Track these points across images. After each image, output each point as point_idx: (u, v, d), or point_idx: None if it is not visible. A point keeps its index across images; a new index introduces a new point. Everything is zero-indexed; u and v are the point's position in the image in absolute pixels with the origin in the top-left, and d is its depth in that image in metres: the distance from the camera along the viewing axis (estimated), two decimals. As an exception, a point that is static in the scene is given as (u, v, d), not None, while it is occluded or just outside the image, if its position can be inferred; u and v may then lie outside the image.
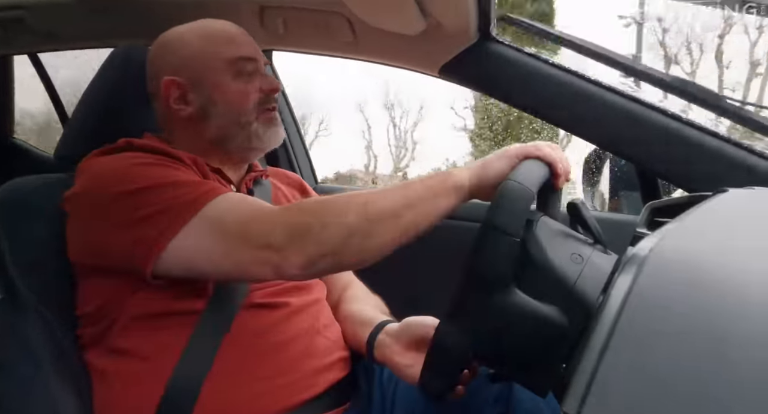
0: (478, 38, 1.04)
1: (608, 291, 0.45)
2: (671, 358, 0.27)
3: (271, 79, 0.84)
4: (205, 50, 0.80)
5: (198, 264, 0.65)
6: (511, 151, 0.67)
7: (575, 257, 0.52)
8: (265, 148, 0.85)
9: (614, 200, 1.27)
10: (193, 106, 0.81)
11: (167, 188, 0.66)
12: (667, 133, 0.92)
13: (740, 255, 0.35)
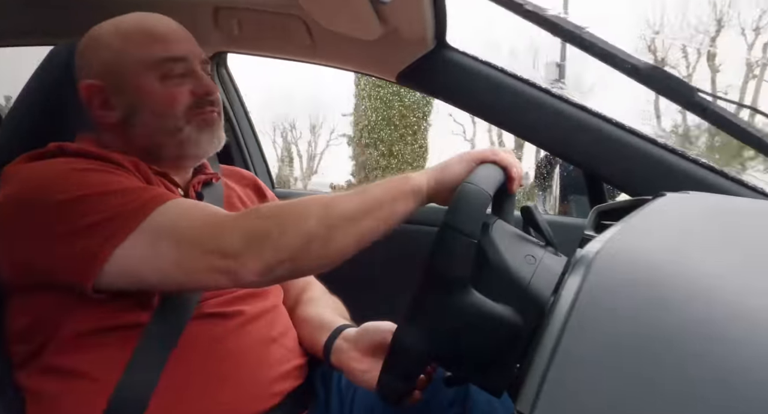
0: (435, 46, 1.06)
1: (559, 292, 0.47)
2: (620, 357, 0.28)
3: (205, 81, 0.77)
4: (126, 52, 0.74)
5: (145, 275, 0.61)
6: (469, 156, 0.67)
7: (529, 258, 0.54)
8: (202, 154, 0.80)
9: (564, 204, 1.32)
10: (118, 113, 0.75)
11: (110, 196, 0.62)
12: (612, 141, 0.97)
13: (681, 254, 0.37)
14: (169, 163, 0.79)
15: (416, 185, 0.65)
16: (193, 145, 0.76)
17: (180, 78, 0.75)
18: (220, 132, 0.80)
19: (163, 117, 0.74)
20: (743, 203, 0.63)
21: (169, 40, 0.76)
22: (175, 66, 0.75)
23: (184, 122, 0.75)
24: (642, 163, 0.95)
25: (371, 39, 1.04)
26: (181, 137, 0.75)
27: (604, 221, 0.73)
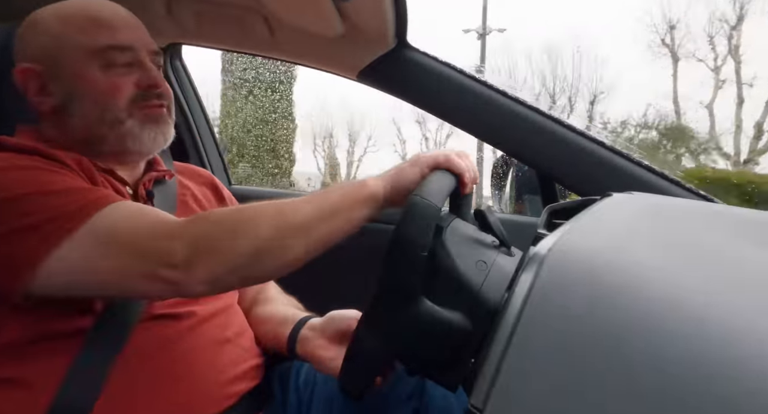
0: (396, 44, 1.06)
1: (512, 289, 0.48)
2: (569, 350, 0.29)
3: (152, 73, 0.73)
4: (67, 36, 0.70)
5: (83, 282, 0.57)
6: (423, 161, 0.67)
7: (480, 264, 0.55)
8: (146, 151, 0.76)
9: (519, 203, 1.36)
10: (55, 100, 0.71)
11: (52, 196, 0.58)
12: (564, 143, 1.01)
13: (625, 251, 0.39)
14: (112, 158, 0.74)
15: (373, 192, 0.64)
16: (134, 139, 0.72)
17: (124, 68, 0.71)
18: (166, 128, 0.76)
19: (104, 108, 0.70)
20: (681, 203, 0.67)
21: (115, 27, 0.71)
22: (119, 55, 0.71)
23: (126, 115, 0.71)
24: (591, 165, 0.99)
25: (332, 36, 1.04)
26: (121, 130, 0.71)
27: (555, 220, 0.76)
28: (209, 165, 1.44)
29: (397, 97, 1.11)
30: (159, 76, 0.74)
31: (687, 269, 0.36)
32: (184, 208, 0.82)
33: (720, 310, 0.29)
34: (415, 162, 0.67)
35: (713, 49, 10.97)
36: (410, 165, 0.67)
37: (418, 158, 0.67)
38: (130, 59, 0.72)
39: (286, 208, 0.59)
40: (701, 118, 10.98)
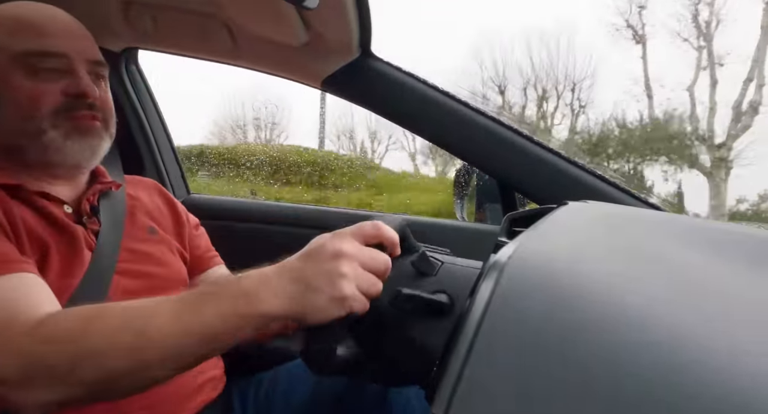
0: (360, 54, 1.07)
1: (473, 296, 0.49)
2: (529, 356, 0.29)
3: (82, 82, 0.69)
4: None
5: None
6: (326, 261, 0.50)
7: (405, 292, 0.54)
8: (70, 164, 0.71)
9: (480, 212, 1.39)
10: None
11: None
12: (523, 153, 1.04)
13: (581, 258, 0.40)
14: (40, 172, 0.70)
15: (266, 312, 0.48)
16: (56, 151, 0.68)
17: (52, 74, 0.67)
18: (95, 141, 0.71)
19: (25, 116, 0.67)
20: (631, 211, 0.70)
21: (45, 32, 0.68)
22: (46, 61, 0.67)
23: (49, 125, 0.67)
24: (548, 175, 1.03)
25: (296, 44, 1.03)
26: (43, 141, 0.67)
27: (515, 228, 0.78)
28: (166, 174, 1.40)
29: (360, 106, 1.12)
30: (90, 86, 0.69)
31: (637, 275, 0.37)
32: (132, 221, 0.79)
33: (666, 316, 0.30)
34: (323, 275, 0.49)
35: (692, 27, 10.32)
36: (333, 257, 0.49)
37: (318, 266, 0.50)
38: (59, 66, 0.68)
39: (149, 326, 0.48)
40: (682, 102, 10.59)
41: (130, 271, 0.73)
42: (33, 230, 0.64)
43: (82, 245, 0.68)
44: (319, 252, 0.50)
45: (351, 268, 0.49)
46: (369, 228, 0.52)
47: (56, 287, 0.63)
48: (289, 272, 0.50)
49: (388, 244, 0.53)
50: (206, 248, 0.92)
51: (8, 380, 0.48)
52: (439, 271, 0.56)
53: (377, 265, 0.51)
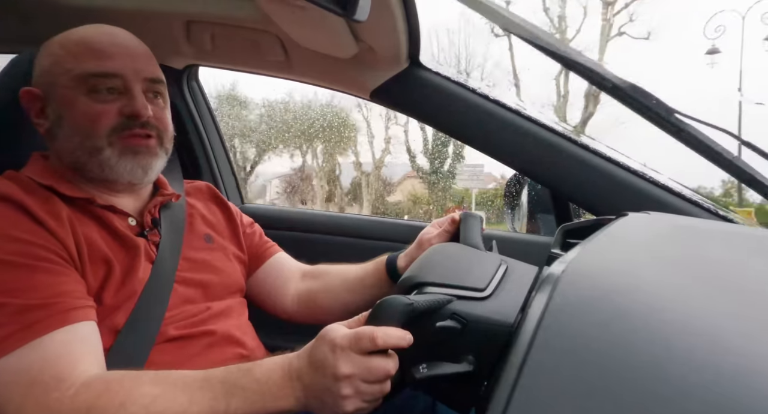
0: (408, 64, 1.08)
1: (526, 310, 0.47)
2: (583, 373, 0.28)
3: (137, 102, 0.71)
4: (59, 61, 0.71)
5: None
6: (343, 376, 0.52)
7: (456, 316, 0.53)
8: (123, 181, 0.74)
9: (532, 222, 1.35)
10: (49, 122, 0.72)
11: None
12: (578, 161, 1.00)
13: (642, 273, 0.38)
14: (102, 186, 0.75)
15: (286, 410, 0.55)
16: (111, 170, 0.72)
17: (110, 94, 0.71)
18: (146, 160, 0.74)
19: (86, 134, 0.70)
20: (698, 223, 0.66)
21: (104, 54, 0.71)
22: (105, 81, 0.71)
23: (106, 143, 0.71)
24: (606, 184, 0.98)
25: (346, 57, 1.05)
26: (99, 159, 0.71)
27: (569, 239, 0.75)
28: (223, 184, 1.46)
29: (409, 116, 1.12)
30: (144, 106, 0.72)
31: (703, 292, 0.35)
32: (191, 230, 0.83)
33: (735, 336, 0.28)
34: (338, 377, 0.52)
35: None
36: (334, 379, 0.52)
37: (337, 371, 0.52)
38: (116, 86, 0.71)
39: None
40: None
41: (188, 280, 0.76)
42: (98, 248, 0.68)
43: (143, 258, 0.72)
44: (322, 368, 0.53)
45: (351, 388, 0.52)
46: (366, 342, 0.51)
47: (118, 300, 0.67)
48: (304, 382, 0.54)
49: (390, 348, 0.52)
50: (262, 241, 0.96)
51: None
52: (464, 331, 0.53)
53: (379, 376, 0.52)
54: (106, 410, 0.52)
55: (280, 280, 0.94)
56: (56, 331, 0.57)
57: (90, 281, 0.65)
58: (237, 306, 0.83)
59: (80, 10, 1.10)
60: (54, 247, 0.63)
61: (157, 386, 0.54)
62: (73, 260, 0.64)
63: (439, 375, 0.50)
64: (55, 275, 0.61)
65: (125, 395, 0.53)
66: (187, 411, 0.52)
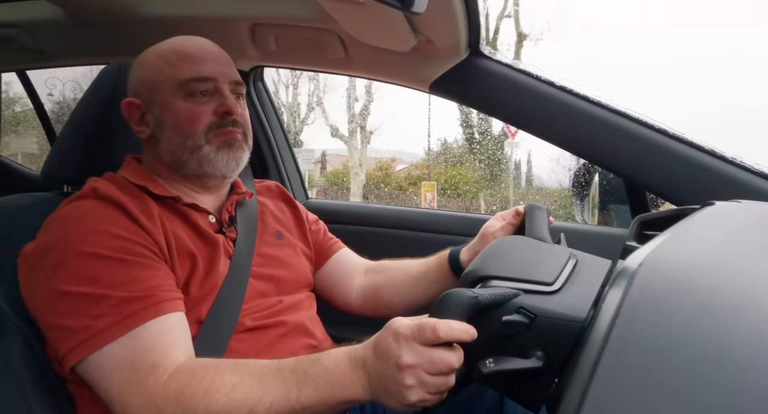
0: (468, 54, 1.05)
1: (599, 305, 0.45)
2: (664, 372, 0.26)
3: (228, 101, 0.78)
4: (158, 70, 0.78)
5: (100, 390, 0.62)
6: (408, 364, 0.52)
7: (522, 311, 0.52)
8: (220, 175, 0.80)
9: (603, 213, 1.28)
10: (150, 128, 0.79)
11: (94, 303, 0.62)
12: (655, 148, 0.93)
13: (730, 266, 0.35)
14: (196, 182, 0.81)
15: (356, 399, 0.56)
16: (209, 164, 0.78)
17: (204, 97, 0.78)
18: (239, 154, 0.80)
19: (185, 134, 0.77)
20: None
21: (197, 60, 0.78)
22: (200, 85, 0.77)
23: (204, 141, 0.77)
24: (688, 171, 0.91)
25: (404, 50, 1.05)
26: (199, 155, 0.77)
27: (646, 231, 0.70)
28: (288, 181, 1.51)
29: (471, 107, 1.10)
30: (235, 104, 0.79)
31: None
32: (263, 227, 0.88)
33: None
34: (402, 366, 0.52)
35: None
36: (397, 369, 0.52)
37: (401, 361, 0.52)
38: (207, 89, 0.78)
39: (259, 408, 0.56)
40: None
41: (262, 275, 0.81)
42: (184, 244, 0.74)
43: (222, 253, 0.77)
44: (386, 357, 0.54)
45: (415, 379, 0.52)
46: (429, 333, 0.51)
47: (202, 293, 0.72)
48: (369, 370, 0.56)
49: (453, 341, 0.52)
50: (326, 238, 1.00)
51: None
52: (532, 326, 0.51)
53: (442, 369, 0.52)
54: (194, 397, 0.57)
55: (345, 276, 0.97)
56: (151, 321, 0.63)
57: (178, 274, 0.70)
58: (306, 300, 0.87)
59: (156, 21, 1.18)
60: (147, 243, 0.69)
61: (235, 375, 0.58)
62: (164, 255, 0.70)
63: (507, 370, 0.49)
64: (149, 269, 0.66)
65: (209, 384, 0.57)
66: (263, 398, 0.56)
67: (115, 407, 0.60)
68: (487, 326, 0.52)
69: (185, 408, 0.56)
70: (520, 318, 0.51)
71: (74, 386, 0.71)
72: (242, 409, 0.56)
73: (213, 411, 0.56)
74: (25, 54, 1.37)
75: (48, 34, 1.29)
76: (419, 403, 0.52)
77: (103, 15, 1.18)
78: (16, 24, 1.27)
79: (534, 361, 0.49)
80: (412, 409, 0.53)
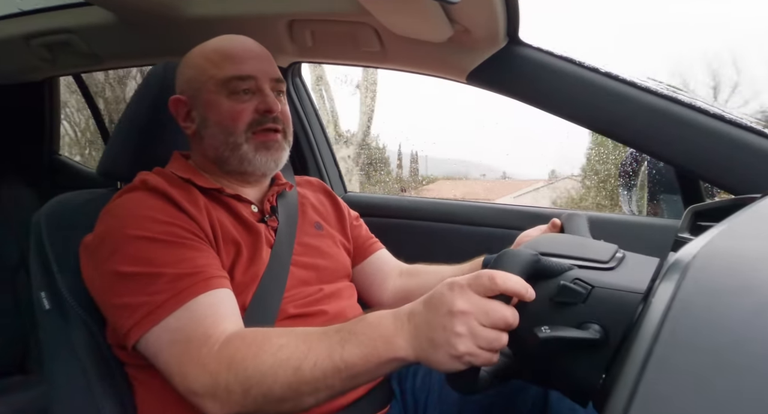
0: (507, 43, 1.03)
1: (649, 299, 0.43)
2: (719, 369, 0.25)
3: (268, 99, 0.80)
4: (202, 70, 0.81)
5: (158, 363, 0.65)
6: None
7: (577, 282, 0.51)
8: (258, 173, 0.83)
9: (653, 204, 1.23)
10: (195, 125, 0.82)
11: (150, 281, 0.66)
12: (709, 134, 0.88)
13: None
14: (237, 177, 0.84)
15: (400, 357, 0.54)
16: (248, 163, 0.81)
17: (246, 95, 0.80)
18: (277, 155, 0.82)
19: (227, 131, 0.80)
20: None
21: (239, 59, 0.80)
22: (241, 83, 0.79)
23: (243, 140, 0.80)
24: (746, 158, 0.85)
25: (440, 40, 1.04)
26: (240, 154, 0.80)
27: (700, 222, 0.67)
28: (326, 174, 1.53)
29: (510, 97, 1.07)
30: (275, 102, 0.81)
31: None
32: (303, 217, 0.91)
33: None
34: (448, 313, 0.51)
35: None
36: (449, 315, 0.51)
37: (449, 305, 0.51)
38: (249, 87, 0.80)
39: (305, 364, 0.57)
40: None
41: (302, 263, 0.83)
42: (229, 232, 0.77)
43: (263, 241, 0.80)
44: (438, 306, 0.52)
45: (466, 327, 0.50)
46: (485, 280, 0.50)
47: (245, 280, 0.75)
48: (416, 321, 0.54)
49: (510, 295, 0.50)
50: (366, 237, 1.02)
51: (198, 393, 0.60)
52: (588, 298, 0.49)
53: (496, 321, 0.50)
54: (244, 360, 0.59)
55: (380, 275, 0.98)
56: (202, 295, 0.66)
57: (224, 260, 0.74)
58: (346, 289, 0.88)
59: (198, 22, 1.22)
60: (193, 229, 0.72)
61: (282, 338, 0.60)
62: (209, 241, 0.74)
63: (563, 338, 0.47)
64: (197, 251, 0.70)
65: (258, 347, 0.60)
66: (308, 356, 0.57)
67: (174, 378, 0.63)
68: (542, 294, 0.50)
69: (237, 371, 0.59)
70: (577, 287, 0.50)
71: (131, 369, 0.76)
72: (288, 368, 0.57)
73: (261, 372, 0.58)
74: (80, 58, 1.44)
75: (100, 38, 1.36)
76: (467, 357, 0.49)
77: (149, 17, 1.23)
78: (72, 29, 1.34)
79: (591, 333, 0.48)
80: (457, 364, 0.50)
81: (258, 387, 0.58)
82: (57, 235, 0.80)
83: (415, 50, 1.11)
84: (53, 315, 0.78)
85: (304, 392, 0.57)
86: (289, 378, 0.57)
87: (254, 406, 0.59)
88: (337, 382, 0.56)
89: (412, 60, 1.17)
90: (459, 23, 0.98)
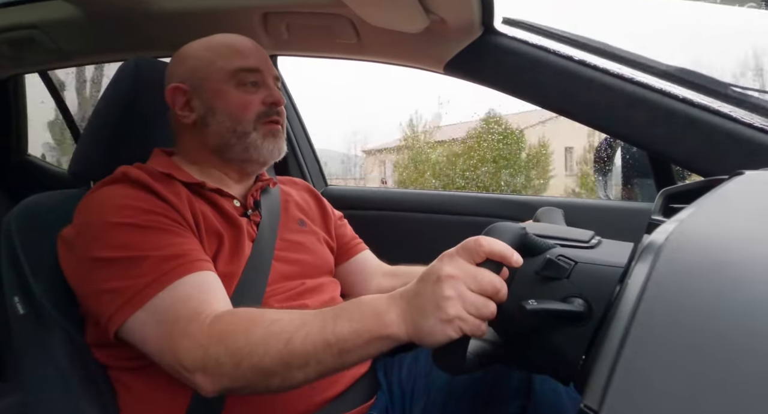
0: (482, 32, 1.03)
1: (625, 280, 0.45)
2: (693, 348, 0.26)
3: (274, 92, 0.84)
4: (209, 60, 0.83)
5: (144, 346, 0.65)
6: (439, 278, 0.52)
7: (562, 259, 0.53)
8: (263, 161, 0.86)
9: (627, 188, 1.26)
10: (196, 113, 0.83)
11: (134, 265, 0.65)
12: (679, 117, 0.90)
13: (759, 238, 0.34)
14: (236, 165, 0.85)
15: (393, 334, 0.54)
16: (256, 150, 0.83)
17: (253, 87, 0.83)
18: (281, 143, 0.86)
19: (236, 120, 0.82)
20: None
21: (247, 53, 0.85)
22: (248, 76, 0.83)
23: (252, 128, 0.83)
24: (714, 141, 0.88)
25: (416, 31, 1.03)
26: (247, 141, 0.83)
27: (672, 205, 0.69)
28: (306, 168, 1.52)
29: (487, 87, 1.08)
30: (281, 96, 0.85)
31: None
32: (286, 214, 0.91)
33: None
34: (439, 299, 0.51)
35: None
36: (437, 281, 0.51)
37: (432, 275, 0.52)
38: (255, 80, 0.84)
39: (296, 337, 0.57)
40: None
41: (285, 258, 0.83)
42: (211, 224, 0.77)
43: (245, 235, 0.80)
44: (427, 276, 0.53)
45: (454, 290, 0.50)
46: (472, 244, 0.51)
47: (226, 272, 0.74)
48: (408, 296, 0.54)
49: (497, 259, 0.51)
50: (351, 236, 1.03)
51: (188, 368, 0.60)
52: (572, 273, 0.51)
53: (484, 285, 0.50)
54: (235, 333, 0.59)
55: (363, 276, 0.99)
56: (188, 276, 0.66)
57: (206, 251, 0.73)
58: (329, 284, 0.89)
59: (169, 16, 1.19)
60: (176, 218, 0.72)
61: (276, 314, 0.61)
62: (193, 230, 0.74)
63: (549, 310, 0.49)
64: (181, 236, 0.70)
65: (250, 321, 0.60)
66: (300, 330, 0.57)
67: (165, 357, 0.62)
68: (529, 270, 0.53)
69: (227, 344, 0.58)
70: (561, 262, 0.52)
71: (114, 372, 0.75)
72: (279, 340, 0.57)
73: (252, 343, 0.58)
74: (45, 54, 1.39)
75: (65, 33, 1.31)
76: (457, 322, 0.49)
77: (117, 10, 1.19)
78: (36, 25, 1.29)
79: (576, 306, 0.50)
80: (448, 330, 0.50)
81: (248, 359, 0.57)
82: (29, 237, 0.78)
83: (392, 41, 1.10)
84: (28, 320, 0.76)
85: (294, 365, 0.56)
86: (281, 350, 0.56)
87: (244, 380, 0.58)
88: (328, 358, 0.55)
89: (389, 51, 1.17)
90: (434, 13, 0.98)
